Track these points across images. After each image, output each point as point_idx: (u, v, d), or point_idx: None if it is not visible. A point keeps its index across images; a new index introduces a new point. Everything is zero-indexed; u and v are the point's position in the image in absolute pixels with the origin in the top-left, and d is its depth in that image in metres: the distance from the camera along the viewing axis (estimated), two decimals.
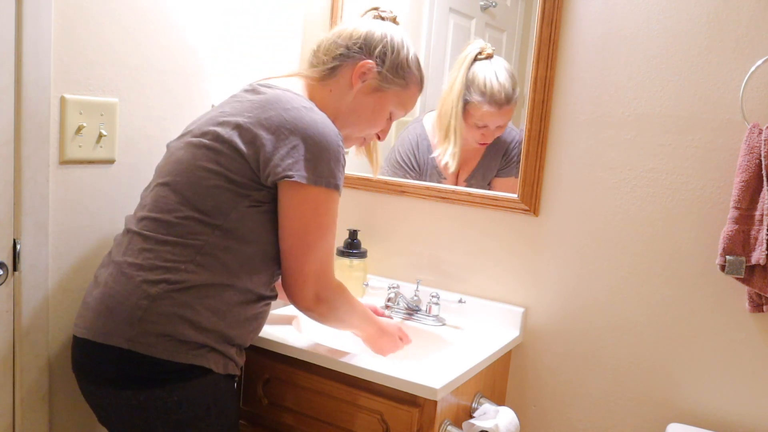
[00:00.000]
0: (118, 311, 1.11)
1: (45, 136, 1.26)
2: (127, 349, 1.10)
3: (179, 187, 1.16)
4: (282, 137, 1.13)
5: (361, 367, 1.24)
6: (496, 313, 1.56)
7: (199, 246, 1.13)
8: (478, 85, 1.56)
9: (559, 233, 1.49)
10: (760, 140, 1.23)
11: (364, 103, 1.27)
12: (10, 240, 1.24)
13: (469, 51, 1.59)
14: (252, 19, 1.71)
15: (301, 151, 1.12)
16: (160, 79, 1.47)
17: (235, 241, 1.15)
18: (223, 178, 1.14)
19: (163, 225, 1.15)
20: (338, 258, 1.66)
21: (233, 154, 1.14)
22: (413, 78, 1.30)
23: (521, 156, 1.51)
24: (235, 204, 1.14)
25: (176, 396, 1.11)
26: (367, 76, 1.25)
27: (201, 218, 1.14)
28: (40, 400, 1.32)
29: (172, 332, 1.10)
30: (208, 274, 1.13)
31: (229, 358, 1.18)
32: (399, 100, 1.30)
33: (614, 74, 1.40)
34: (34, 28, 1.21)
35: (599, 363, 1.47)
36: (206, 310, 1.13)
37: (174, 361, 1.10)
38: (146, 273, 1.12)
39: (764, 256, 1.22)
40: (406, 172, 1.70)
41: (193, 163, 1.16)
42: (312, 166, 1.12)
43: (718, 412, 1.36)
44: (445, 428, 1.24)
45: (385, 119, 1.31)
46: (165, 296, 1.11)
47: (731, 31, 1.29)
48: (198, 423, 1.14)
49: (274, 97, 1.18)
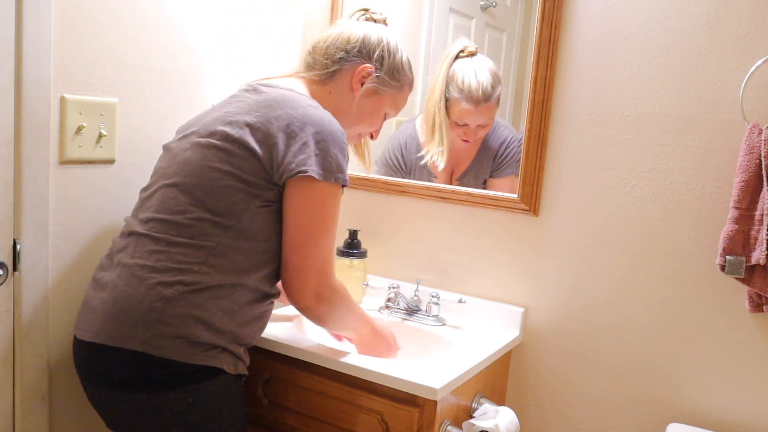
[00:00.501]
0: (132, 314, 1.10)
1: (45, 136, 1.26)
2: (142, 352, 1.09)
3: (189, 188, 1.16)
4: (293, 135, 1.14)
5: (361, 367, 1.24)
6: (496, 313, 1.56)
7: (211, 247, 1.13)
8: (456, 83, 1.57)
9: (559, 233, 1.50)
10: (760, 140, 1.23)
11: (363, 105, 1.31)
12: (10, 240, 1.24)
13: (452, 49, 1.60)
14: (252, 19, 1.71)
15: (312, 147, 1.14)
16: (160, 79, 1.47)
17: (247, 241, 1.15)
18: (235, 178, 1.14)
19: (174, 226, 1.14)
20: (338, 258, 1.66)
21: (246, 154, 1.14)
22: (407, 80, 1.36)
23: (521, 156, 1.51)
24: (247, 205, 1.15)
25: (190, 397, 1.11)
26: (367, 80, 1.29)
27: (213, 219, 1.14)
28: (40, 400, 1.32)
29: (187, 334, 1.10)
30: (220, 275, 1.13)
31: (239, 358, 1.18)
32: (394, 101, 1.36)
33: (614, 74, 1.40)
34: (34, 28, 1.21)
35: (599, 363, 1.47)
36: (219, 310, 1.13)
37: (188, 362, 1.10)
38: (160, 275, 1.11)
39: (764, 256, 1.22)
40: (395, 172, 1.70)
41: (204, 164, 1.16)
42: (321, 161, 1.14)
43: (718, 412, 1.36)
44: (445, 428, 1.24)
45: (381, 120, 1.37)
46: (180, 298, 1.10)
47: (731, 31, 1.29)
48: (210, 424, 1.14)
49: (280, 96, 1.19)
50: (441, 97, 1.59)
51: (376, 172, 1.73)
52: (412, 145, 1.68)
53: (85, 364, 1.16)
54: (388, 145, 1.72)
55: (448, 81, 1.58)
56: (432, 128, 1.61)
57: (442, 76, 1.59)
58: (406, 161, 1.69)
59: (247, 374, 1.23)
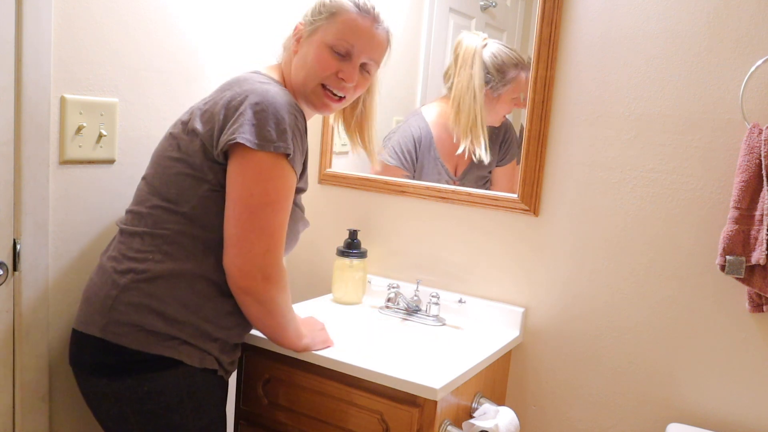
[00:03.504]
0: (93, 301, 1.16)
1: (45, 136, 1.26)
2: (101, 338, 1.13)
3: (150, 178, 1.22)
4: (232, 108, 1.14)
5: (361, 367, 1.24)
6: (496, 313, 1.56)
7: (166, 235, 1.16)
8: (505, 64, 1.57)
9: (559, 233, 1.49)
10: (760, 140, 1.23)
11: (304, 53, 1.27)
12: (10, 240, 1.24)
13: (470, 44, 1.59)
14: (252, 20, 1.71)
15: (248, 117, 1.11)
16: (160, 79, 1.47)
17: (201, 229, 1.16)
18: (183, 163, 1.17)
19: (137, 216, 1.19)
20: (338, 258, 1.66)
21: (190, 136, 1.17)
22: (339, 6, 1.24)
23: (521, 156, 1.51)
24: (195, 190, 1.16)
25: (146, 386, 1.13)
26: (298, 33, 1.28)
27: (167, 206, 1.17)
28: (40, 400, 1.32)
29: (141, 322, 1.12)
30: (174, 263, 1.14)
31: (207, 353, 1.17)
32: (332, 30, 1.23)
33: (614, 74, 1.40)
34: (34, 28, 1.21)
35: (599, 363, 1.47)
36: (176, 302, 1.14)
37: (143, 350, 1.12)
38: (116, 263, 1.16)
39: (764, 256, 1.22)
40: (403, 167, 1.69)
41: (161, 154, 1.21)
42: (258, 131, 1.10)
43: (718, 412, 1.36)
44: (445, 428, 1.24)
45: (331, 56, 1.24)
46: (132, 286, 1.13)
47: (731, 31, 1.29)
48: (170, 415, 1.14)
49: (234, 78, 1.22)
50: (480, 93, 1.58)
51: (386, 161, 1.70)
52: (427, 140, 1.67)
53: (69, 348, 1.23)
54: (399, 137, 1.69)
55: (491, 71, 1.58)
56: (472, 127, 1.60)
57: (478, 72, 1.58)
58: (417, 156, 1.68)
59: (228, 372, 1.23)
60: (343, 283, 1.66)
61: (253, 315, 1.18)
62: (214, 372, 1.20)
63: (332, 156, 1.78)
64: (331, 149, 1.77)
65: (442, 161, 1.65)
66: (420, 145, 1.67)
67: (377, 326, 1.54)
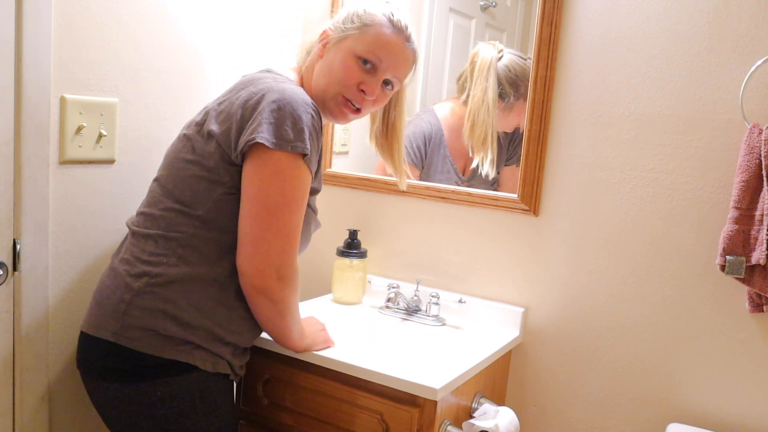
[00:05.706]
0: (105, 305, 1.14)
1: (45, 136, 1.26)
2: (114, 342, 1.12)
3: (163, 180, 1.20)
4: (249, 108, 1.13)
5: (361, 367, 1.24)
6: (496, 313, 1.56)
7: (180, 238, 1.14)
8: (518, 77, 1.55)
9: (559, 233, 1.49)
10: (760, 140, 1.23)
11: (329, 59, 1.25)
12: (10, 240, 1.24)
13: (485, 56, 1.57)
14: (252, 19, 1.71)
15: (265, 116, 1.10)
16: (160, 79, 1.47)
17: (215, 232, 1.15)
18: (198, 166, 1.15)
19: (149, 219, 1.18)
20: (338, 258, 1.66)
21: (206, 139, 1.16)
22: (373, 19, 1.23)
23: (521, 156, 1.51)
24: (211, 193, 1.15)
25: (160, 391, 1.12)
26: (326, 38, 1.26)
27: (181, 209, 1.15)
28: (40, 400, 1.32)
29: (156, 327, 1.11)
30: (188, 267, 1.13)
31: (220, 357, 1.17)
32: (363, 41, 1.22)
33: (614, 74, 1.40)
34: (34, 28, 1.21)
35: (599, 363, 1.47)
36: (190, 306, 1.13)
37: (157, 355, 1.11)
38: (130, 267, 1.15)
39: (764, 256, 1.22)
40: (412, 162, 1.67)
41: (175, 156, 1.20)
42: (275, 130, 1.09)
43: (718, 412, 1.36)
44: (445, 428, 1.24)
45: (357, 66, 1.23)
46: (147, 290, 1.12)
47: (731, 31, 1.29)
48: (183, 419, 1.14)
49: (249, 77, 1.21)
50: (494, 106, 1.57)
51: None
52: (437, 137, 1.67)
53: (77, 351, 1.21)
54: (409, 132, 1.67)
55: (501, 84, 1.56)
56: (484, 141, 1.59)
57: (492, 86, 1.57)
58: (426, 152, 1.68)
59: (238, 375, 1.23)
60: (343, 283, 1.66)
61: (264, 315, 1.18)
62: (226, 376, 1.20)
63: (332, 156, 1.78)
64: (331, 149, 1.77)
65: (452, 159, 1.65)
66: (430, 142, 1.67)
67: (377, 326, 1.55)
